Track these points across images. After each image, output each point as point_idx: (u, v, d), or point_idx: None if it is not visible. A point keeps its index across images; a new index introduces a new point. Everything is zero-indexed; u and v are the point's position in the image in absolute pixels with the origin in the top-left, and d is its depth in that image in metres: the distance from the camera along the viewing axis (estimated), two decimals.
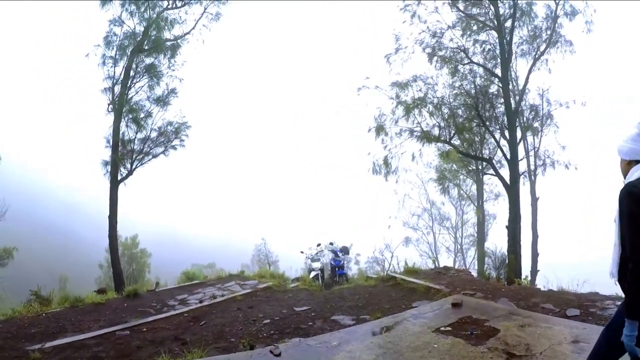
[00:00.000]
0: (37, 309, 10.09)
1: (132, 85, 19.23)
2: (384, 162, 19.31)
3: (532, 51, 19.21)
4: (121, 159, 18.52)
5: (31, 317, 9.07)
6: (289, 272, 22.54)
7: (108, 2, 18.98)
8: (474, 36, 18.92)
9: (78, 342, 7.49)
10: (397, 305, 9.18)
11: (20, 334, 7.97)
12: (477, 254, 30.80)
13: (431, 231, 37.01)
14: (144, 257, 36.44)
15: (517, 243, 17.01)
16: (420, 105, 18.79)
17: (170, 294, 11.55)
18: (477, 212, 31.53)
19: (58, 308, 9.98)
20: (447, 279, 11.47)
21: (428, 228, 37.05)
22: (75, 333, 8.05)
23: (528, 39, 19.07)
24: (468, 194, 33.63)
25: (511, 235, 16.97)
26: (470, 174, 31.56)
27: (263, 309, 9.53)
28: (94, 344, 7.40)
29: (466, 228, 36.44)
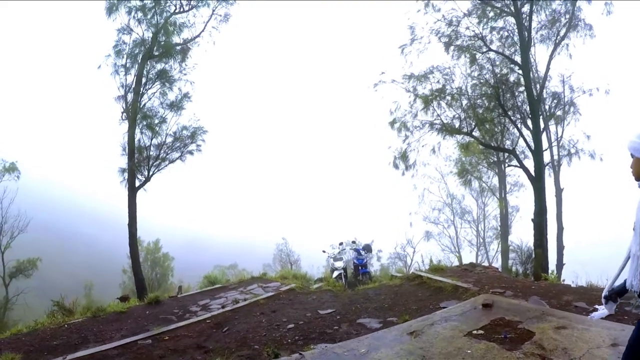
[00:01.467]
0: (60, 319, 10.02)
1: (144, 92, 19.29)
2: (402, 155, 19.00)
3: (552, 36, 18.70)
4: (137, 166, 18.54)
5: (53, 329, 8.99)
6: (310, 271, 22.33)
7: (114, 12, 19.03)
8: (490, 23, 18.30)
9: (99, 353, 7.35)
10: (425, 306, 8.87)
11: (42, 346, 7.89)
12: (501, 248, 30.35)
13: (452, 225, 36.67)
14: (167, 260, 36.63)
15: (543, 237, 16.57)
16: (439, 97, 18.35)
17: (192, 299, 11.36)
18: (500, 204, 31.02)
19: (80, 318, 9.88)
20: (474, 276, 11.08)
21: (449, 222, 36.71)
22: (97, 344, 7.91)
23: (547, 24, 18.53)
24: (490, 187, 33.03)
25: (537, 228, 16.50)
26: (492, 166, 31.12)
27: (287, 312, 9.28)
28: (115, 355, 7.26)
29: (488, 221, 36.05)
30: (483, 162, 31.17)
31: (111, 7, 19.16)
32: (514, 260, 17.40)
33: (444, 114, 18.60)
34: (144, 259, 34.86)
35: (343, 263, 14.82)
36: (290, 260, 27.43)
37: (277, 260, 30.44)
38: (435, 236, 35.60)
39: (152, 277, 33.91)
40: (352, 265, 15.69)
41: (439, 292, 9.95)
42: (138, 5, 19.37)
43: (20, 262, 26.78)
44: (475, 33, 18.26)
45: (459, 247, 35.86)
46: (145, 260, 34.81)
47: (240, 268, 36.79)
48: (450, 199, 36.46)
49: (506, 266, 21.28)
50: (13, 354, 7.16)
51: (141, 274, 19.09)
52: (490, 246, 35.47)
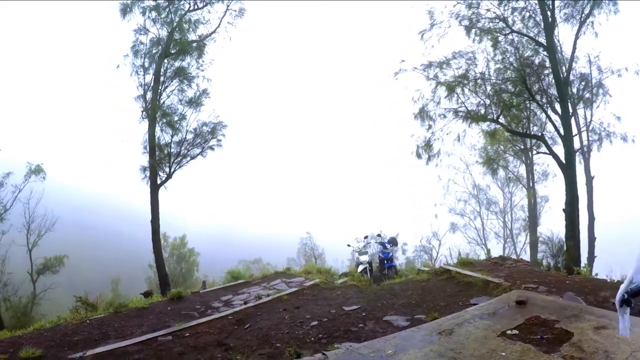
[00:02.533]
0: (83, 315, 9.99)
1: (163, 90, 19.35)
2: (426, 144, 18.62)
3: (577, 14, 17.77)
4: (159, 163, 18.65)
5: (75, 324, 8.94)
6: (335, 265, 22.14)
7: (128, 13, 19.12)
8: (511, 3, 17.66)
9: (119, 349, 7.28)
10: (454, 302, 8.53)
11: (63, 341, 7.83)
12: (529, 240, 29.54)
13: (478, 216, 35.83)
14: (192, 256, 36.89)
15: (575, 228, 15.98)
16: (462, 83, 17.90)
17: (214, 295, 11.21)
18: (528, 194, 30.21)
19: (102, 314, 9.82)
20: (504, 270, 10.68)
21: (475, 213, 35.89)
22: (118, 340, 7.84)
23: (570, 1, 17.68)
24: (517, 176, 32.13)
25: (569, 219, 15.91)
26: (518, 154, 30.25)
27: (310, 309, 9.03)
28: (135, 351, 7.17)
29: (515, 212, 35.00)
30: (509, 150, 30.36)
31: (125, 8, 19.31)
32: (545, 253, 16.96)
33: (467, 101, 18.23)
34: (170, 254, 35.27)
35: (368, 257, 14.52)
36: (315, 254, 27.35)
37: (301, 254, 30.41)
38: (461, 228, 34.89)
39: (178, 272, 34.29)
40: (378, 259, 15.37)
41: (468, 287, 9.61)
42: (152, 5, 19.48)
43: (48, 259, 27.27)
44: (496, 14, 17.73)
45: (485, 240, 35.13)
46: (171, 256, 35.20)
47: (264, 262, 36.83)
48: (476, 189, 35.68)
49: (535, 259, 20.86)
50: (34, 349, 7.11)
51: (164, 269, 19.15)
52: (518, 238, 34.53)
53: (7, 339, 8.19)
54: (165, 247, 35.44)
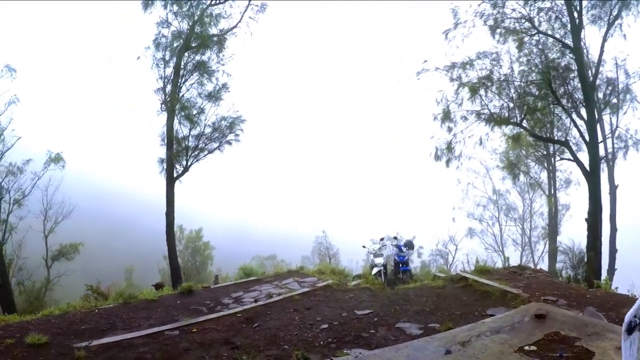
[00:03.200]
0: (92, 304, 9.99)
1: (182, 83, 19.36)
2: (447, 147, 18.30)
3: (604, 15, 17.35)
4: (176, 156, 18.67)
5: (84, 313, 8.88)
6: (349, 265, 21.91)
7: (150, 6, 19.16)
8: (537, 4, 17.18)
9: (125, 341, 7.20)
10: (470, 312, 8.25)
11: (70, 330, 7.76)
12: (549, 249, 29.03)
13: (497, 222, 35.39)
14: (207, 249, 36.96)
15: (597, 238, 15.55)
16: (485, 85, 17.53)
17: (225, 291, 11.06)
18: (549, 201, 29.64)
19: (112, 304, 9.76)
20: (523, 280, 10.33)
21: (494, 219, 35.45)
22: (124, 331, 7.76)
23: (598, 2, 17.20)
24: (538, 182, 31.53)
25: (591, 229, 15.48)
26: (540, 160, 29.74)
27: (321, 310, 8.82)
28: (141, 344, 7.08)
29: (534, 219, 34.52)
30: (531, 156, 29.93)
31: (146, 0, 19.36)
32: (565, 264, 16.52)
33: (490, 103, 17.86)
34: (185, 246, 35.40)
35: (383, 259, 14.30)
36: (329, 253, 27.15)
37: (316, 253, 30.29)
38: (479, 234, 34.50)
39: (192, 265, 34.42)
40: (393, 262, 15.12)
41: (485, 296, 9.29)
42: None
43: (63, 246, 27.46)
44: (522, 14, 17.34)
45: (503, 246, 34.74)
46: (185, 248, 35.36)
47: (279, 259, 36.82)
48: (496, 194, 35.28)
49: (554, 269, 20.45)
50: (40, 335, 7.04)
51: (177, 262, 19.19)
52: (536, 246, 34.11)
53: (16, 323, 8.14)
54: (181, 240, 35.67)
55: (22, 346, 6.80)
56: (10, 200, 23.94)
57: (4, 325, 7.94)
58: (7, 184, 23.97)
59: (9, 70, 22.60)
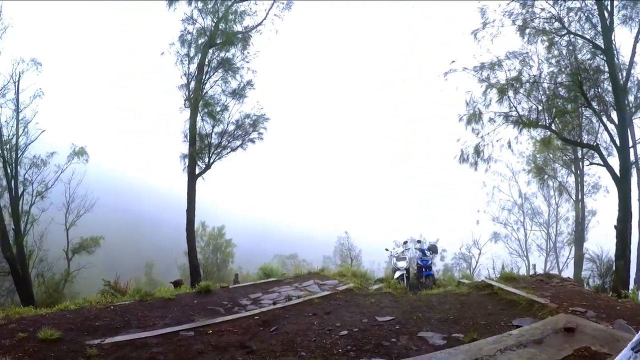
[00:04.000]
0: (109, 299, 9.94)
1: (206, 80, 19.29)
2: (475, 150, 18.05)
3: (636, 16, 16.87)
4: (198, 153, 18.59)
5: (99, 309, 8.80)
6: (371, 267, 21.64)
7: (174, 2, 19.16)
8: (567, 3, 16.75)
9: (139, 340, 7.08)
10: (495, 322, 7.89)
11: (84, 326, 7.67)
12: (575, 256, 28.36)
13: (522, 227, 34.66)
14: (229, 247, 36.97)
15: (627, 247, 15.03)
16: (514, 86, 17.23)
17: (243, 291, 10.88)
18: (576, 207, 28.96)
19: (128, 301, 9.65)
20: (550, 289, 9.96)
21: (519, 223, 34.73)
22: (139, 329, 7.64)
23: (629, 3, 16.71)
24: (565, 187, 30.80)
25: (620, 237, 14.94)
26: (567, 164, 29.14)
27: (341, 316, 8.55)
28: (154, 344, 6.94)
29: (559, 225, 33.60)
30: (558, 160, 29.34)
31: None
32: (592, 272, 16.05)
33: (519, 106, 17.52)
34: (206, 243, 35.43)
35: (406, 263, 14.05)
36: (351, 255, 26.89)
37: (337, 254, 30.05)
38: (503, 238, 33.92)
39: (213, 262, 34.43)
40: (416, 266, 14.81)
41: (511, 305, 8.90)
42: None
43: (84, 239, 27.63)
44: (552, 14, 16.91)
45: (527, 252, 34.09)
46: (207, 245, 35.49)
47: (300, 259, 36.76)
48: (522, 198, 34.59)
49: (579, 276, 19.98)
50: (53, 330, 6.96)
51: (196, 260, 19.10)
52: (561, 252, 33.25)
53: (30, 317, 8.08)
54: (203, 237, 35.80)
55: (34, 341, 6.70)
56: (33, 192, 24.07)
57: (18, 318, 7.89)
58: (31, 176, 24.14)
59: (35, 64, 22.79)
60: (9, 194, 22.32)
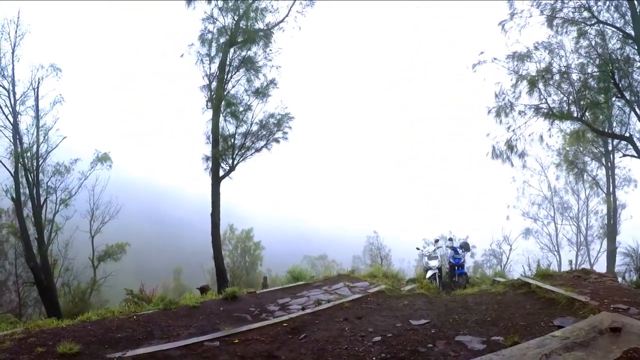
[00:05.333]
0: (132, 309, 9.79)
1: (229, 80, 19.09)
2: (507, 144, 17.81)
3: None
4: (222, 154, 18.36)
5: (122, 319, 8.59)
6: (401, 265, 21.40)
7: (193, 1, 19.09)
8: None
9: (161, 352, 6.80)
10: (535, 322, 7.48)
11: (105, 338, 7.45)
12: (607, 250, 27.73)
13: (552, 221, 34.36)
14: (257, 249, 37.13)
15: None
16: (544, 78, 16.93)
17: (271, 296, 10.61)
18: (607, 200, 28.33)
19: (151, 310, 9.42)
20: (589, 286, 9.49)
21: (549, 218, 34.44)
22: (162, 341, 7.39)
23: None
24: (596, 180, 30.15)
25: None
26: (597, 157, 28.48)
27: (373, 320, 8.19)
28: (178, 356, 6.68)
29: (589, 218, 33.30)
30: (588, 153, 28.62)
31: None
32: (628, 266, 15.62)
33: (549, 98, 17.25)
34: (234, 246, 35.54)
35: (438, 262, 13.80)
36: (381, 254, 26.57)
37: (367, 253, 29.85)
38: (534, 233, 33.58)
39: (241, 265, 34.48)
40: (448, 265, 14.46)
41: (550, 304, 8.45)
42: None
43: (109, 246, 27.78)
44: (580, 3, 16.66)
45: (558, 246, 33.65)
46: (235, 248, 35.72)
47: (329, 259, 36.64)
48: (551, 193, 34.19)
49: (612, 270, 20.16)
50: (72, 344, 6.75)
51: (223, 265, 18.86)
52: (591, 246, 32.84)
53: (50, 329, 7.89)
54: (231, 240, 36.03)
55: (53, 356, 6.50)
56: (57, 200, 24.16)
57: (37, 332, 7.70)
58: (54, 183, 24.25)
59: (54, 70, 23.01)
60: (31, 202, 22.44)
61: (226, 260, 25.59)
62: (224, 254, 23.12)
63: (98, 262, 27.08)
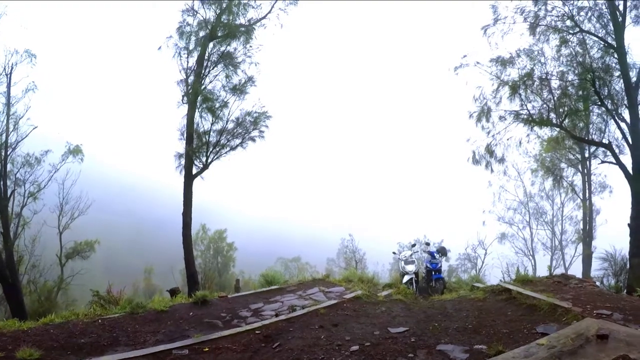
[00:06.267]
0: (98, 311, 9.26)
1: (206, 75, 18.62)
2: (487, 150, 18.00)
3: None
4: (196, 151, 17.86)
5: (86, 323, 8.14)
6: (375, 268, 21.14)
7: None
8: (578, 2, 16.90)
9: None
10: (517, 329, 7.28)
11: (68, 343, 7.03)
12: (583, 254, 28.30)
13: (527, 226, 35.01)
14: (230, 250, 36.67)
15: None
16: (526, 84, 17.13)
17: (244, 301, 10.21)
18: (584, 206, 29.02)
19: (117, 313, 8.95)
20: (570, 291, 9.48)
21: (524, 223, 35.05)
22: (127, 348, 6.98)
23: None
24: (572, 186, 30.65)
25: (634, 234, 14.91)
26: (574, 163, 29.15)
27: (350, 328, 7.87)
28: None
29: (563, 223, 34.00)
30: (564, 159, 29.32)
31: None
32: (607, 271, 15.74)
33: (529, 104, 17.48)
34: (207, 247, 35.03)
35: (415, 267, 13.64)
36: (356, 257, 26.29)
37: (341, 256, 29.61)
38: (509, 238, 34.24)
39: (214, 266, 33.97)
40: (425, 270, 14.25)
41: (532, 311, 8.33)
42: None
43: (78, 243, 27.06)
44: (564, 12, 16.98)
45: (533, 251, 34.32)
46: (207, 249, 35.11)
47: (303, 261, 36.34)
48: (527, 197, 34.88)
49: (588, 274, 20.54)
50: (33, 349, 6.38)
51: (193, 266, 18.31)
52: (565, 250, 33.54)
53: (11, 332, 7.43)
54: (204, 240, 35.52)
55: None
56: (25, 193, 23.51)
57: None
58: (23, 175, 23.54)
59: (29, 56, 22.26)
60: None
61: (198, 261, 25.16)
62: (196, 254, 22.67)
63: (66, 260, 26.28)
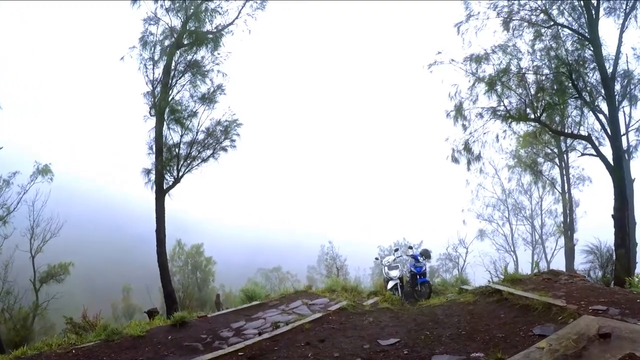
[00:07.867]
0: (72, 340, 8.79)
1: (173, 85, 18.23)
2: (465, 147, 18.00)
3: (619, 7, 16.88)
4: (166, 165, 17.42)
5: (59, 355, 7.68)
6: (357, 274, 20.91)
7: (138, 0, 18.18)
8: None
9: None
10: (513, 333, 6.92)
11: None
12: (565, 247, 28.49)
13: (507, 222, 35.57)
14: (209, 264, 36.03)
15: (626, 234, 15.23)
16: (502, 80, 17.07)
17: (224, 320, 9.73)
18: (563, 199, 29.29)
19: (92, 341, 8.43)
20: (561, 288, 9.10)
21: (504, 219, 35.61)
22: None
23: None
24: (551, 180, 31.09)
25: (618, 225, 15.08)
26: (551, 157, 29.46)
27: (338, 342, 7.44)
28: None
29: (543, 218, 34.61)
30: (541, 153, 29.58)
31: None
32: (592, 264, 15.56)
33: (506, 100, 17.45)
34: (184, 262, 34.40)
35: (399, 272, 13.33)
36: (337, 264, 25.97)
37: (321, 263, 29.42)
38: (490, 234, 34.73)
39: (193, 281, 33.37)
40: (409, 274, 13.91)
41: (526, 311, 7.94)
42: None
43: (52, 266, 26.26)
44: (537, 6, 17.02)
45: (514, 246, 34.69)
46: (185, 264, 34.49)
47: (284, 270, 35.99)
48: (505, 194, 35.30)
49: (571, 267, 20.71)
50: None
51: (170, 285, 17.74)
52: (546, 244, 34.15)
53: None
54: (181, 256, 34.84)
55: None
56: None
57: None
58: None
59: None
60: None
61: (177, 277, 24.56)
62: (174, 270, 22.12)
63: (40, 284, 25.45)
